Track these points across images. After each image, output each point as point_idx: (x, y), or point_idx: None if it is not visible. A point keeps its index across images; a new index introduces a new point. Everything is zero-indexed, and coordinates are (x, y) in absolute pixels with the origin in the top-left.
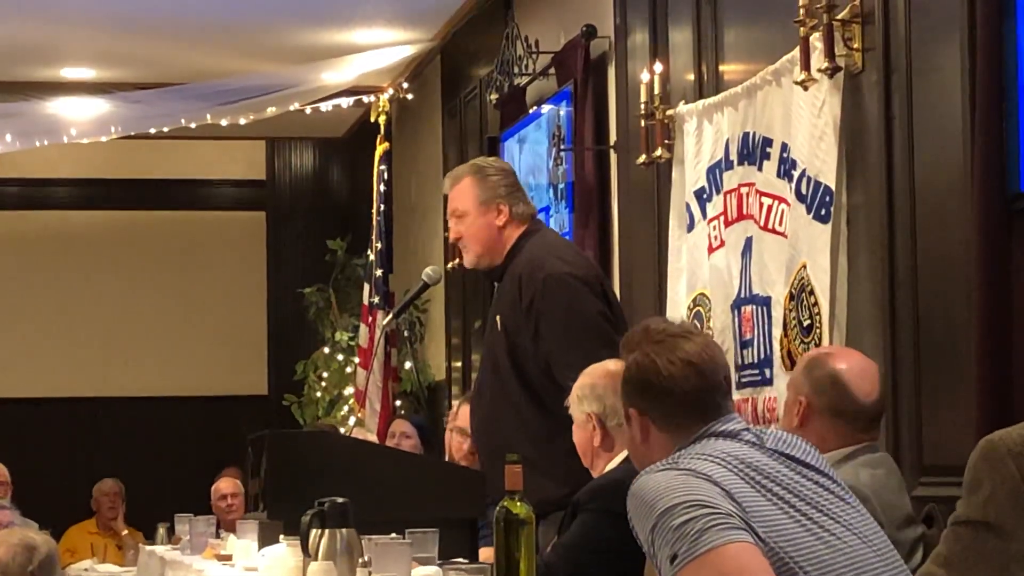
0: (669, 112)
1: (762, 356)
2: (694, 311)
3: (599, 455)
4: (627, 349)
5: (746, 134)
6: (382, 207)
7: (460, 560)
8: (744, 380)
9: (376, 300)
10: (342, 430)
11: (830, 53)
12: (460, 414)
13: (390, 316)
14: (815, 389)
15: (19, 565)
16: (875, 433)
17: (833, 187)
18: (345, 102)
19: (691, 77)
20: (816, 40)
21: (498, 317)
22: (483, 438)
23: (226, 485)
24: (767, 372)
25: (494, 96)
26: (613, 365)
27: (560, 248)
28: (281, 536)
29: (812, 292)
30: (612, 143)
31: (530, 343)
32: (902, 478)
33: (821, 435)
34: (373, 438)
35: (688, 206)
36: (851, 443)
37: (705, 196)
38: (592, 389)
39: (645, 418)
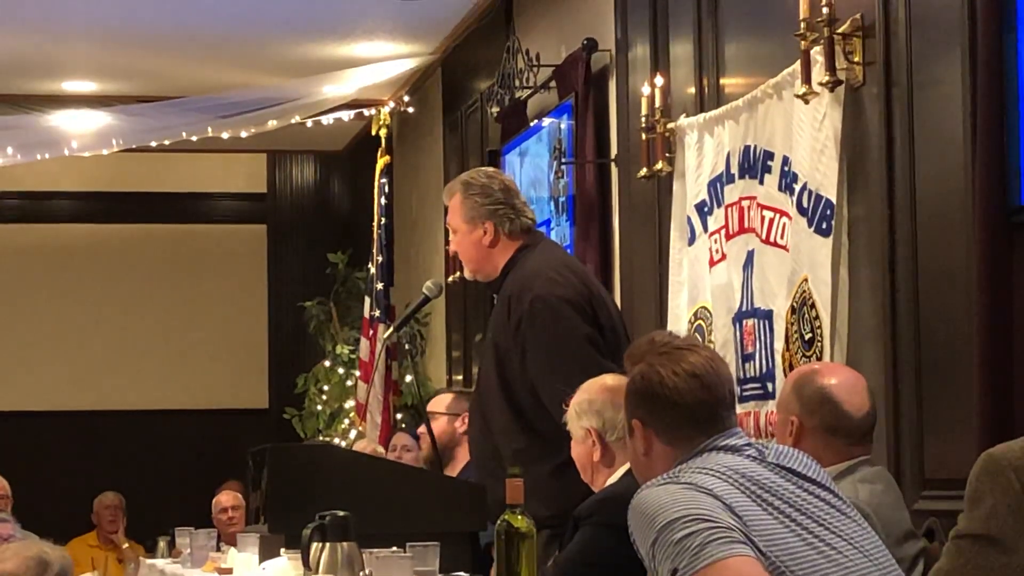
0: (670, 125)
1: (764, 370)
2: (695, 324)
3: (599, 470)
4: (632, 361)
5: (747, 147)
6: (383, 220)
7: (461, 574)
8: (746, 394)
9: (377, 313)
10: (343, 443)
11: (831, 66)
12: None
13: (391, 329)
14: (806, 408)
15: None
16: (868, 446)
17: (834, 200)
18: (346, 115)
19: (692, 90)
20: (817, 53)
21: (491, 334)
22: (474, 454)
23: (227, 498)
24: (769, 386)
25: (495, 109)
26: (611, 380)
27: (553, 266)
28: (282, 549)
29: (813, 305)
30: (613, 156)
31: (518, 363)
32: (900, 492)
33: (816, 453)
34: (381, 450)
35: (689, 219)
36: (846, 458)
37: (706, 209)
38: (590, 404)
39: (648, 430)
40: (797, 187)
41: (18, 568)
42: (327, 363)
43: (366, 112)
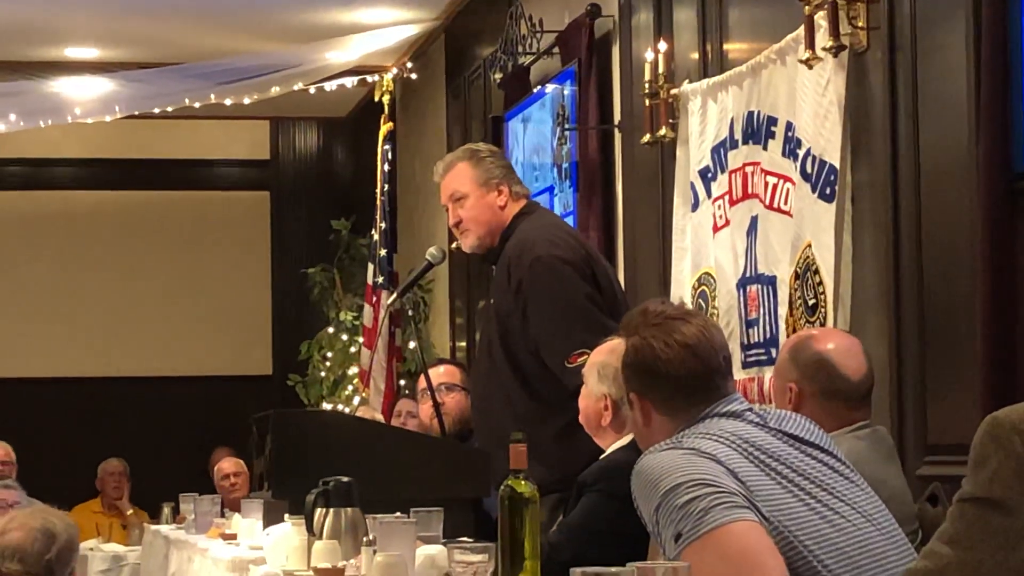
0: (673, 91)
1: (767, 335)
2: (699, 290)
3: (607, 431)
4: (626, 332)
5: (751, 113)
6: (386, 187)
7: (465, 539)
8: (749, 359)
9: (380, 280)
10: (347, 410)
11: (835, 32)
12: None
13: (394, 296)
14: (804, 374)
15: (37, 552)
16: (867, 409)
17: (838, 166)
18: (349, 81)
19: (695, 56)
20: (821, 19)
21: (492, 300)
22: (478, 420)
23: (228, 465)
24: (773, 351)
25: (498, 75)
26: None
27: (550, 230)
28: (286, 515)
29: (817, 271)
30: (616, 122)
31: (519, 326)
32: (894, 455)
33: (816, 418)
34: (379, 417)
35: (693, 185)
36: (847, 422)
37: (710, 175)
38: (616, 373)
39: (646, 402)
40: (801, 153)
41: (24, 540)
42: (331, 330)
43: (369, 78)
